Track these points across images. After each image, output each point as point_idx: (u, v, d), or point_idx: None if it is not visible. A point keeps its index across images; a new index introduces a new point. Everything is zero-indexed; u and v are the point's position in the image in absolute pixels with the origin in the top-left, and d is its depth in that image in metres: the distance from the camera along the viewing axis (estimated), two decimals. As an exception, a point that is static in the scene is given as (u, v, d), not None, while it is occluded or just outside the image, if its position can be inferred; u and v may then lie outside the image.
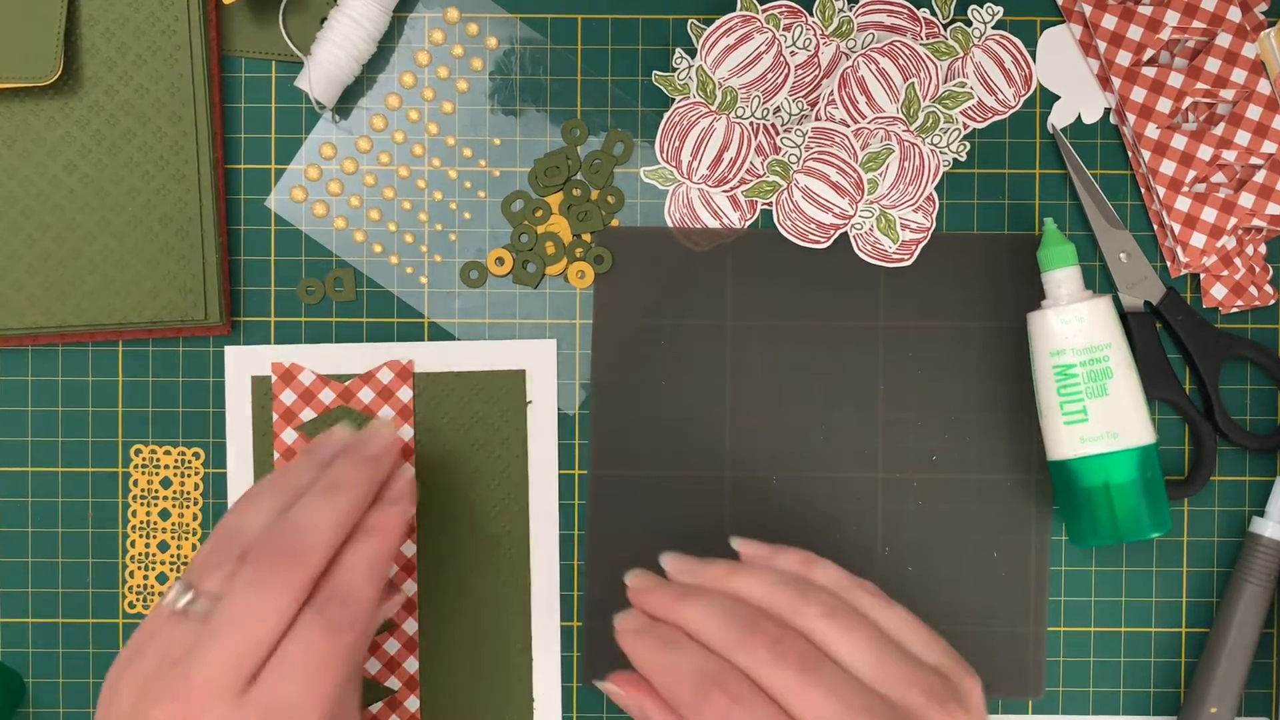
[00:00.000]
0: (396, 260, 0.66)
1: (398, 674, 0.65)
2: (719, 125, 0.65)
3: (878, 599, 0.53)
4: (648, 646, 0.52)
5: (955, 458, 0.66)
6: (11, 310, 0.64)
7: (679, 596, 0.53)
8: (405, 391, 0.66)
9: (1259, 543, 0.65)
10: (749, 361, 0.66)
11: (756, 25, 0.65)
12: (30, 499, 0.66)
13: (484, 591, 0.66)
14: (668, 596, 0.53)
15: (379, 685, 0.65)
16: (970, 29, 0.66)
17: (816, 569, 0.54)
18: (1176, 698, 0.67)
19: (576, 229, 0.66)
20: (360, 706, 0.55)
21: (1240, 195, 0.65)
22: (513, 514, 0.66)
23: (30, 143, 0.64)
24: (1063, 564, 0.66)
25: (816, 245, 0.66)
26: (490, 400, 0.66)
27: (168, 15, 0.64)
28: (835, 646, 0.51)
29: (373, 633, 0.55)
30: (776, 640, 0.50)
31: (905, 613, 0.53)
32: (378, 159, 0.66)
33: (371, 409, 0.65)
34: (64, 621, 0.66)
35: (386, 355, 0.66)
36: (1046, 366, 0.63)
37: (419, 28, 0.66)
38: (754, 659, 0.50)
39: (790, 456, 0.66)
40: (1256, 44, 0.65)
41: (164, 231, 0.64)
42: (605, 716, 0.66)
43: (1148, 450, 0.63)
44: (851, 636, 0.51)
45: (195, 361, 0.66)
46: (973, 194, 0.66)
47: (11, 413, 0.66)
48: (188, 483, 0.66)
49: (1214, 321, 0.66)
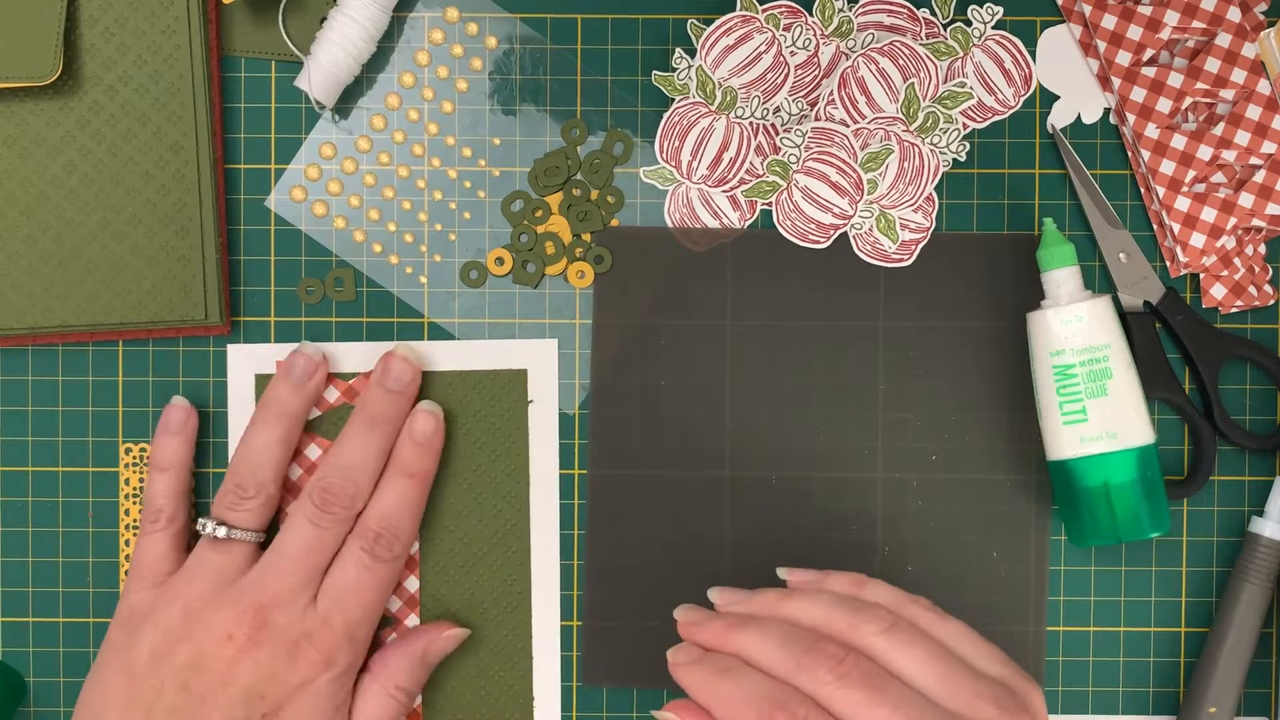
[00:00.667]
0: (396, 260, 0.66)
1: None
2: (719, 125, 0.65)
3: (933, 613, 0.52)
4: (705, 675, 0.51)
5: (955, 458, 0.66)
6: (11, 310, 0.64)
7: (732, 626, 0.52)
8: (405, 391, 0.66)
9: (1258, 542, 0.65)
10: (749, 361, 0.66)
11: (756, 25, 0.65)
12: (30, 498, 0.66)
13: (484, 590, 0.66)
14: (720, 627, 0.53)
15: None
16: (970, 29, 0.66)
17: (868, 588, 0.53)
18: (1176, 697, 0.67)
19: (576, 229, 0.66)
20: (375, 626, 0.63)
21: (1240, 195, 0.65)
22: (513, 513, 0.66)
23: (30, 143, 0.64)
24: (1062, 564, 0.66)
25: (816, 245, 0.66)
26: (492, 399, 0.66)
27: (167, 15, 0.64)
28: (897, 664, 0.50)
29: (405, 558, 0.64)
30: (839, 661, 0.49)
31: (962, 625, 0.52)
32: (378, 159, 0.66)
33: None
34: (65, 621, 0.67)
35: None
36: (1046, 366, 0.63)
37: (419, 28, 0.66)
38: (817, 681, 0.49)
39: (790, 456, 0.66)
40: (1256, 44, 0.65)
41: (164, 231, 0.64)
42: (605, 716, 0.66)
43: (1147, 450, 0.63)
44: (912, 652, 0.50)
45: (195, 361, 0.66)
46: (972, 194, 0.66)
47: (12, 412, 0.66)
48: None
49: (1214, 321, 0.66)
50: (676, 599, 0.66)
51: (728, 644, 0.52)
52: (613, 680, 0.66)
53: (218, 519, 0.62)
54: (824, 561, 0.66)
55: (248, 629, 0.60)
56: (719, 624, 0.53)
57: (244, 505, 0.62)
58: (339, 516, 0.61)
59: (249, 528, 0.62)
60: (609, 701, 0.66)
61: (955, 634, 0.52)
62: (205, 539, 0.62)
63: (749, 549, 0.66)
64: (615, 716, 0.66)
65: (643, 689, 0.66)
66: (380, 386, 0.64)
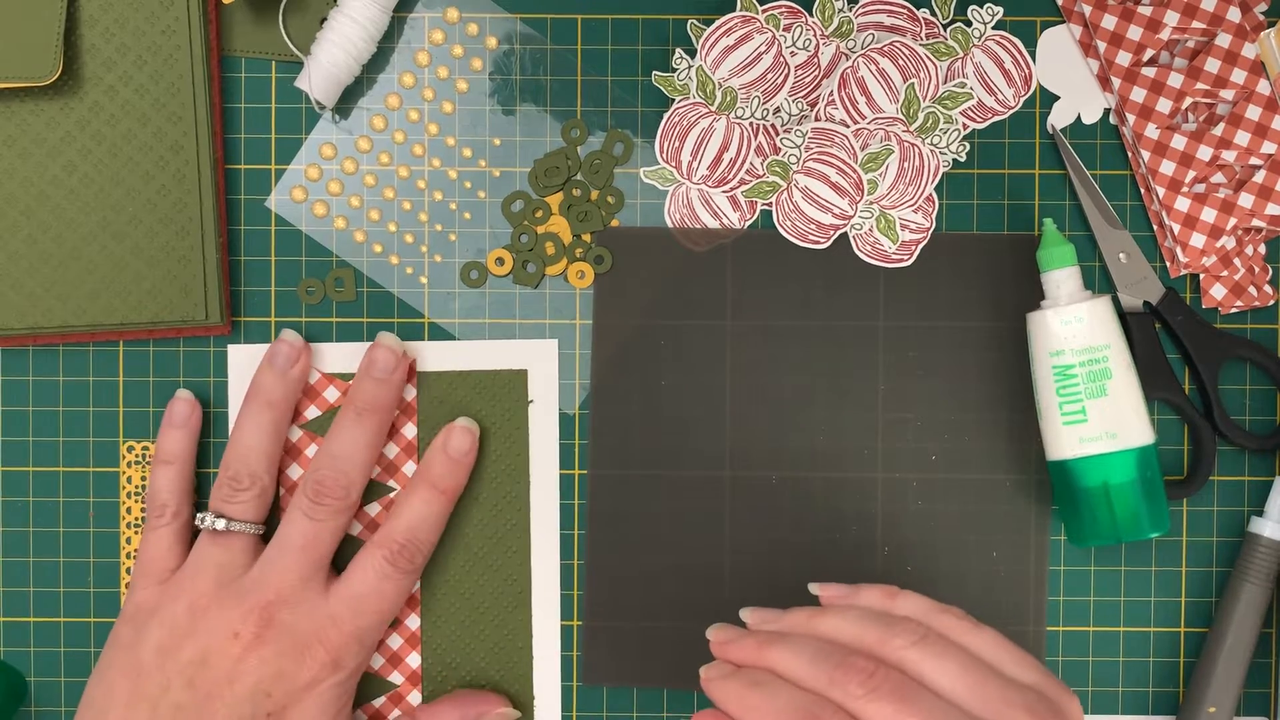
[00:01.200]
0: (396, 260, 0.66)
1: (400, 669, 0.66)
2: (719, 125, 0.65)
3: (965, 622, 0.52)
4: (738, 688, 0.51)
5: (955, 458, 0.66)
6: (12, 310, 0.64)
7: (765, 642, 0.52)
8: (409, 390, 0.66)
9: (1258, 542, 0.65)
10: (749, 361, 0.66)
11: (756, 25, 0.65)
12: (31, 499, 0.66)
13: (484, 590, 0.66)
14: (753, 644, 0.53)
15: (382, 680, 0.66)
16: (970, 29, 0.66)
17: (900, 600, 0.54)
18: (1175, 697, 0.67)
19: (576, 229, 0.66)
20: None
21: (1240, 195, 0.65)
22: (513, 514, 0.66)
23: (30, 143, 0.64)
24: (1062, 564, 0.66)
25: (816, 245, 0.66)
26: (492, 399, 0.66)
27: (167, 15, 0.64)
28: (930, 675, 0.50)
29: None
30: (870, 674, 0.49)
31: (995, 634, 0.52)
32: (378, 159, 0.66)
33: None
34: (65, 620, 0.67)
35: (387, 355, 0.66)
36: (1046, 367, 0.63)
37: (419, 28, 0.66)
38: (849, 694, 0.49)
39: (790, 456, 0.66)
40: (1256, 44, 0.65)
41: (164, 231, 0.64)
42: (605, 716, 0.67)
43: (1147, 450, 0.63)
44: (944, 663, 0.50)
45: (195, 361, 0.66)
46: (972, 194, 0.66)
47: (12, 412, 0.66)
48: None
49: (1213, 322, 0.66)
50: (676, 599, 0.66)
51: (760, 660, 0.52)
52: (613, 680, 0.66)
53: (216, 512, 0.62)
54: (824, 561, 0.66)
55: (254, 627, 0.60)
56: (751, 641, 0.53)
57: (240, 497, 0.62)
58: (334, 508, 0.62)
59: (247, 519, 0.62)
60: (609, 701, 0.66)
61: (988, 643, 0.52)
62: (205, 533, 0.62)
63: (749, 549, 0.66)
64: (615, 716, 0.67)
65: (643, 689, 0.66)
66: (367, 377, 0.64)
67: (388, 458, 0.66)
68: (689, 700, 0.66)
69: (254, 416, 0.63)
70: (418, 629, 0.66)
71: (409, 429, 0.66)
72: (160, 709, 0.59)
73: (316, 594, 0.61)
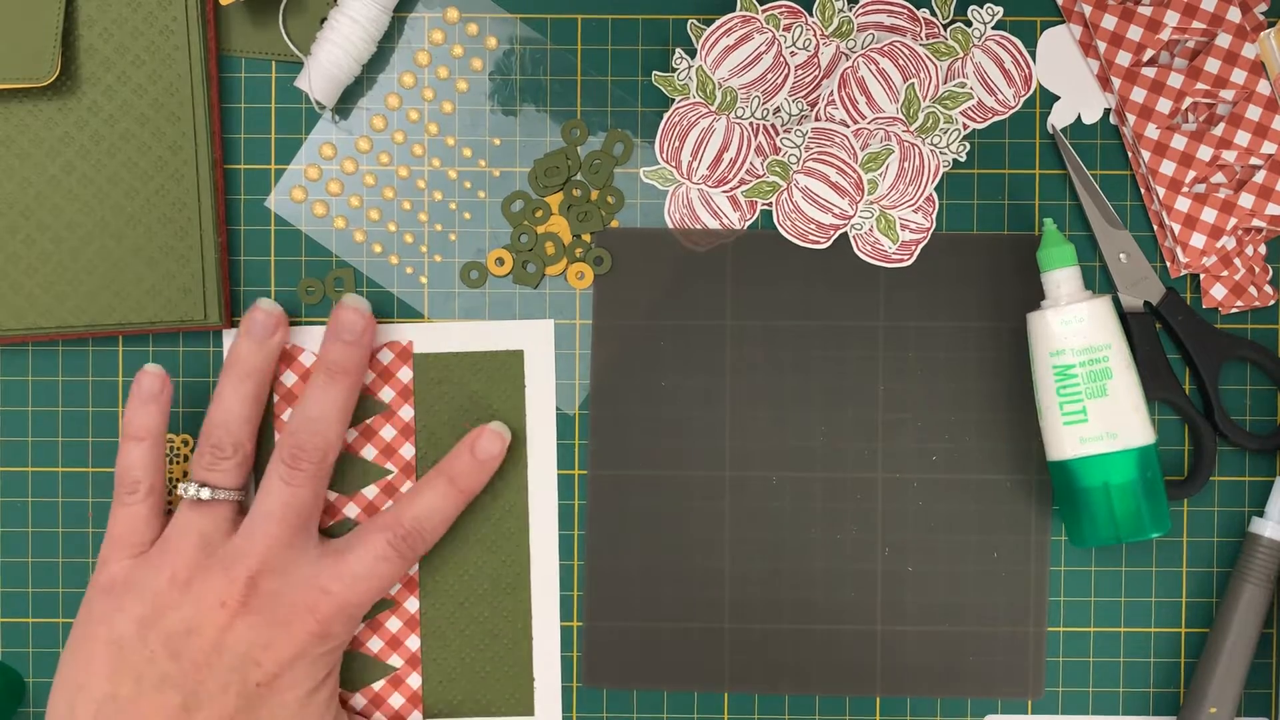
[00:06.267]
0: (396, 260, 0.66)
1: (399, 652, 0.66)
2: (719, 125, 0.65)
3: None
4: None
5: (955, 458, 0.66)
6: (11, 310, 0.64)
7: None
8: (405, 372, 0.66)
9: (1258, 543, 0.65)
10: (749, 361, 0.66)
11: (756, 25, 0.65)
12: (30, 499, 0.66)
13: (484, 591, 0.66)
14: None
15: (381, 663, 0.66)
16: (970, 29, 0.65)
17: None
18: (1176, 698, 0.67)
19: (576, 229, 0.66)
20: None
21: (1240, 196, 0.65)
22: (513, 514, 0.66)
23: (29, 143, 0.64)
24: (1062, 564, 0.66)
25: (816, 245, 0.66)
26: (488, 380, 0.66)
27: (165, 15, 0.64)
28: None
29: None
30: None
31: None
32: (378, 159, 0.66)
33: (372, 390, 0.65)
34: (65, 621, 0.67)
35: (386, 336, 0.66)
36: (1046, 367, 0.63)
37: (419, 28, 0.66)
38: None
39: (790, 456, 0.66)
40: (1256, 44, 0.65)
41: (163, 231, 0.64)
42: (605, 716, 0.66)
43: (1147, 451, 0.63)
44: None
45: (195, 361, 0.66)
46: (973, 194, 0.66)
47: (11, 412, 0.66)
48: (176, 470, 0.66)
49: (1214, 322, 0.66)
50: (676, 599, 0.66)
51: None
52: (613, 680, 0.66)
53: (199, 481, 0.62)
54: (824, 561, 0.66)
55: (240, 595, 0.60)
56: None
57: (222, 465, 0.62)
58: (310, 472, 0.62)
59: (230, 486, 0.62)
60: (609, 702, 0.66)
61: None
62: (187, 502, 0.62)
63: (749, 549, 0.66)
64: (615, 716, 0.66)
65: (643, 689, 0.66)
66: (336, 339, 0.63)
67: (385, 440, 0.66)
68: (689, 700, 0.66)
69: (234, 385, 0.63)
70: (416, 611, 0.66)
71: (405, 411, 0.66)
72: (145, 681, 0.59)
73: (305, 561, 0.61)
